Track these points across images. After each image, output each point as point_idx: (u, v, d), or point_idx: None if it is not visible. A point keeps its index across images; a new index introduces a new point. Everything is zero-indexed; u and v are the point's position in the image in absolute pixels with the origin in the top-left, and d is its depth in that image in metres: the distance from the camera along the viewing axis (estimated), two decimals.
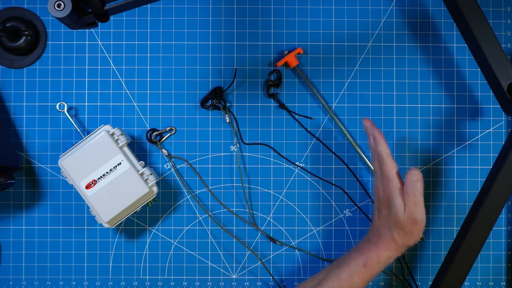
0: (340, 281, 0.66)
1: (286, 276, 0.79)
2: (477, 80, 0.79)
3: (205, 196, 0.79)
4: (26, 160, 0.78)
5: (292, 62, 0.76)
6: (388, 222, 0.65)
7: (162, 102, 0.78)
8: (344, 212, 0.79)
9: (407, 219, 0.63)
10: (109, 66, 0.78)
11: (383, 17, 0.79)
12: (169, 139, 0.78)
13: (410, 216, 0.63)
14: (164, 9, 0.78)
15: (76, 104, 0.78)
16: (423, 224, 0.64)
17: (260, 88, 0.79)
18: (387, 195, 0.65)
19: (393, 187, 0.64)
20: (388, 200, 0.65)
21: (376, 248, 0.66)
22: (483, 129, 0.79)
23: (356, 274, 0.66)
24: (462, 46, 0.79)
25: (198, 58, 0.78)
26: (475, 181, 0.79)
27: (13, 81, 0.78)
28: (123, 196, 0.71)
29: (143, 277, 0.78)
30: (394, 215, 0.64)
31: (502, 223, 0.79)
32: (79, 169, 0.70)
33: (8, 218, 0.78)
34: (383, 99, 0.79)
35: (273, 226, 0.79)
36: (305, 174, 0.79)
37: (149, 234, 0.79)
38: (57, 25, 0.78)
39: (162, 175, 0.78)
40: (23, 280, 0.78)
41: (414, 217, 0.63)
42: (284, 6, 0.79)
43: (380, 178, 0.67)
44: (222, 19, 0.78)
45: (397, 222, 0.64)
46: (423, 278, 0.79)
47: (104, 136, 0.71)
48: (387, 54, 0.79)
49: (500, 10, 0.79)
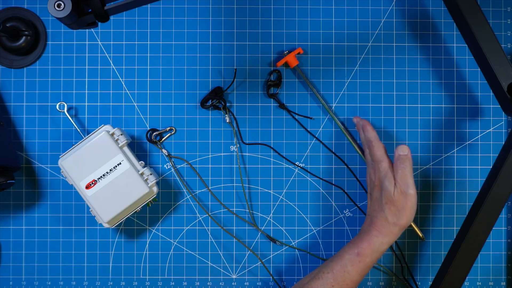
0: (334, 273, 0.66)
1: (286, 276, 0.79)
2: (477, 80, 0.79)
3: (205, 196, 0.79)
4: (26, 160, 0.78)
5: (292, 62, 0.76)
6: (380, 203, 0.66)
7: (162, 102, 0.78)
8: (344, 212, 0.79)
9: (398, 194, 0.65)
10: (109, 66, 0.78)
11: (383, 17, 0.79)
12: (169, 139, 0.78)
13: (401, 190, 0.64)
14: (164, 9, 0.78)
15: (76, 104, 0.78)
16: (414, 198, 0.65)
17: (260, 88, 0.79)
18: (378, 177, 0.67)
19: (382, 167, 0.67)
20: (380, 181, 0.67)
21: (368, 235, 0.66)
22: (483, 129, 0.79)
23: (350, 264, 0.65)
24: (462, 46, 0.79)
25: (198, 58, 0.78)
26: (475, 181, 0.79)
27: (13, 81, 0.78)
28: (123, 196, 0.71)
29: (143, 277, 0.78)
30: (385, 193, 0.65)
31: (502, 223, 0.79)
32: (79, 169, 0.70)
33: (8, 218, 0.78)
34: (383, 99, 0.79)
35: (273, 226, 0.79)
36: (305, 174, 0.79)
37: (149, 234, 0.79)
38: (57, 25, 0.78)
39: (162, 175, 0.78)
40: (23, 280, 0.78)
41: (404, 190, 0.64)
42: (284, 6, 0.79)
43: (371, 164, 0.69)
44: (222, 19, 0.78)
45: (389, 199, 0.65)
46: (423, 278, 0.79)
47: (104, 136, 0.71)
48: (387, 54, 0.79)
49: (500, 10, 0.79)
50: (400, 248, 0.79)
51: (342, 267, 0.66)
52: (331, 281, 0.66)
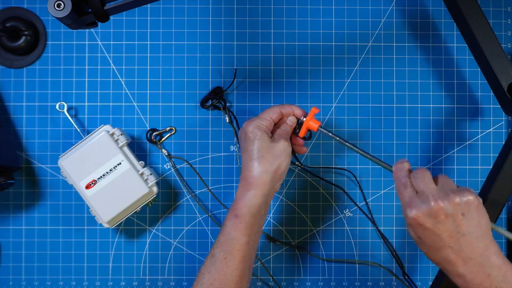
0: (222, 243, 0.62)
1: (286, 276, 0.79)
2: (477, 80, 0.79)
3: (205, 196, 0.79)
4: (26, 160, 0.78)
5: (313, 126, 0.65)
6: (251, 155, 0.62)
7: (162, 102, 0.78)
8: (344, 212, 0.79)
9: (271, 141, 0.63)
10: (109, 66, 0.78)
11: (383, 17, 0.79)
12: (169, 139, 0.78)
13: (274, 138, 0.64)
14: (164, 9, 0.78)
15: (76, 104, 0.78)
16: (282, 145, 0.63)
17: (260, 88, 0.79)
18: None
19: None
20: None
21: (240, 193, 0.63)
22: (483, 129, 0.79)
23: (234, 229, 0.62)
24: (462, 46, 0.79)
25: (198, 58, 0.78)
26: (475, 181, 0.79)
27: (13, 81, 0.78)
28: (123, 196, 0.71)
29: (143, 277, 0.78)
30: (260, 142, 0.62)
31: (502, 223, 0.79)
32: (79, 169, 0.70)
33: (8, 218, 0.78)
34: (383, 99, 0.79)
35: (273, 226, 0.79)
36: (305, 174, 0.79)
37: (149, 234, 0.78)
38: (57, 25, 0.78)
39: (162, 175, 0.78)
40: (23, 280, 0.78)
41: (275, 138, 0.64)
42: (284, 6, 0.79)
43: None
44: (222, 19, 0.78)
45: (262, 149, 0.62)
46: (423, 278, 0.79)
47: (104, 136, 0.71)
48: (387, 54, 0.79)
49: (500, 10, 0.79)
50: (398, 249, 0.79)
51: (226, 236, 0.62)
52: (222, 254, 0.61)
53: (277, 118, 0.65)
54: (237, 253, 0.61)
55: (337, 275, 0.79)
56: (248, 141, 0.63)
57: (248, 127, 0.63)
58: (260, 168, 0.61)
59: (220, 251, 0.61)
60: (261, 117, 0.64)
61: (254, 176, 0.61)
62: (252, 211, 0.61)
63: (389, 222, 0.79)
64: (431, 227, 0.53)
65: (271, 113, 0.64)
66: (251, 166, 0.62)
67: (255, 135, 0.62)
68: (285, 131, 0.65)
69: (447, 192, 0.54)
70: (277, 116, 0.65)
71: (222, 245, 0.62)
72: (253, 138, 0.62)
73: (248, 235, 0.61)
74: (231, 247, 0.61)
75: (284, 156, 0.63)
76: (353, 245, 0.79)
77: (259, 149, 0.62)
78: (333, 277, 0.79)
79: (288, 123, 0.66)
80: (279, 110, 0.65)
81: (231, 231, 0.61)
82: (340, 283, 0.79)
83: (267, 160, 0.62)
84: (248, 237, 0.61)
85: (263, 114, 0.65)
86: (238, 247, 0.61)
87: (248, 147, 0.62)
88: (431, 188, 0.54)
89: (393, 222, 0.79)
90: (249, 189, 0.61)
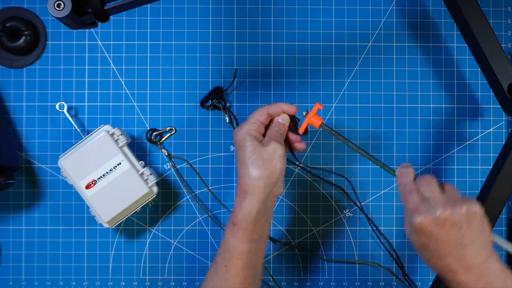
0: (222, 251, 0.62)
1: (286, 276, 0.79)
2: (477, 80, 0.79)
3: (205, 196, 0.79)
4: (26, 160, 0.78)
5: (316, 123, 0.64)
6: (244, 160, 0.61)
7: (162, 102, 0.78)
8: (344, 212, 0.79)
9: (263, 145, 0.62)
10: (109, 66, 0.78)
11: (383, 17, 0.79)
12: (169, 139, 0.78)
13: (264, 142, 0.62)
14: (164, 9, 0.78)
15: (76, 104, 0.78)
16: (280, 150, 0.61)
17: (260, 88, 0.79)
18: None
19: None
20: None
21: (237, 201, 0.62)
22: (483, 129, 0.79)
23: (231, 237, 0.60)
24: (462, 46, 0.79)
25: (198, 58, 0.78)
26: (475, 181, 0.79)
27: (13, 81, 0.78)
28: (123, 196, 0.71)
29: (143, 277, 0.78)
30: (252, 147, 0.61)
31: (502, 223, 0.79)
32: (79, 169, 0.70)
33: (8, 218, 0.78)
34: (383, 99, 0.79)
35: (273, 226, 0.79)
36: (305, 174, 0.79)
37: (149, 234, 0.78)
38: (57, 25, 0.78)
39: (162, 175, 0.78)
40: (23, 280, 0.78)
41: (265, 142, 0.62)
42: (284, 6, 0.79)
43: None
44: (222, 19, 0.78)
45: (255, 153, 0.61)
46: (423, 278, 0.79)
47: (104, 136, 0.71)
48: (387, 54, 0.79)
49: (500, 10, 0.79)
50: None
51: (225, 243, 0.61)
52: (223, 262, 0.61)
53: (265, 119, 0.63)
54: (236, 261, 0.61)
55: (337, 275, 0.79)
56: (238, 148, 0.62)
57: (236, 135, 0.62)
58: (252, 175, 0.60)
59: (221, 259, 0.61)
60: (249, 121, 0.63)
61: (247, 184, 0.60)
62: (249, 219, 0.60)
63: (389, 222, 0.79)
64: (437, 234, 0.53)
65: (257, 116, 0.63)
66: (243, 174, 0.61)
67: (244, 142, 0.61)
68: (277, 132, 0.63)
69: (454, 201, 0.54)
70: (265, 117, 0.63)
71: (222, 253, 0.62)
72: (242, 145, 0.61)
73: (247, 242, 0.60)
74: (230, 254, 0.61)
75: (276, 159, 0.60)
76: (353, 245, 0.79)
77: (249, 155, 0.60)
78: (333, 277, 0.79)
79: (280, 121, 0.64)
80: (265, 111, 0.63)
81: (229, 239, 0.61)
82: (340, 283, 0.79)
83: (259, 166, 0.60)
84: (248, 244, 0.60)
85: (250, 118, 0.63)
86: (237, 255, 0.60)
87: (239, 154, 0.62)
88: (438, 196, 0.54)
89: (393, 222, 0.79)
90: (245, 197, 0.60)
